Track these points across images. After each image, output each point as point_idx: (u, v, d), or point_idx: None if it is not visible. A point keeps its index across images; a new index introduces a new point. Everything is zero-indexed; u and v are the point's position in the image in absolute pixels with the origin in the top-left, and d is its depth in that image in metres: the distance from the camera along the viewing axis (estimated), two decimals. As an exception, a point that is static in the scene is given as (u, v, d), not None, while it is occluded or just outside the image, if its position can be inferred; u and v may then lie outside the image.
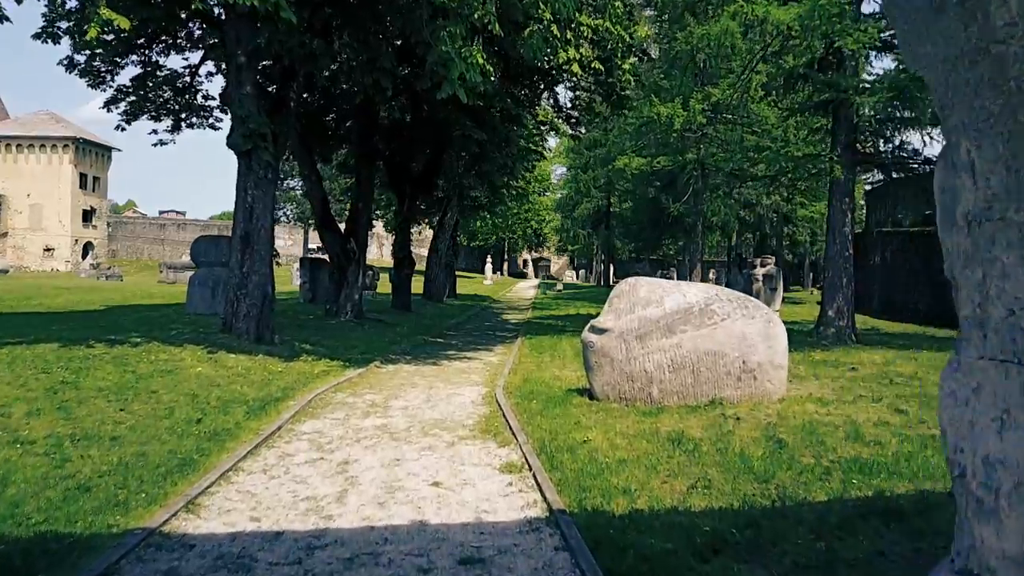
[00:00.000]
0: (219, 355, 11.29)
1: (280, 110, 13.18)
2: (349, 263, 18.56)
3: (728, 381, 8.45)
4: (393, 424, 7.63)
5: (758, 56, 21.64)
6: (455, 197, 29.75)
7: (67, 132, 68.06)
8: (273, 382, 9.72)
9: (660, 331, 8.48)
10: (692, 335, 8.43)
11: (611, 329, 8.64)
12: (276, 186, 13.03)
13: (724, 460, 5.96)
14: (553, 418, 7.71)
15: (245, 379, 9.75)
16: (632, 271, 55.12)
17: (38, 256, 68.56)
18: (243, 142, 12.14)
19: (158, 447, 6.20)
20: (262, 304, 12.67)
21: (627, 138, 39.12)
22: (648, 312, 8.58)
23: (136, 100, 18.64)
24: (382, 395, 9.43)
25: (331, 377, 10.53)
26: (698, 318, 8.50)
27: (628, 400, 8.57)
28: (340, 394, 9.40)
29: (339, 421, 7.73)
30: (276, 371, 10.55)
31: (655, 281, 9.01)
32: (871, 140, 17.51)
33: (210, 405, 8.02)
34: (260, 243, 12.63)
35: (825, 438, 6.57)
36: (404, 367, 12.30)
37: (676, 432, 6.89)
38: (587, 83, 18.11)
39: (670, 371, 8.43)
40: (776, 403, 8.42)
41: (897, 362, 12.39)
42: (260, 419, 7.50)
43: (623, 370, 8.58)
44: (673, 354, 8.43)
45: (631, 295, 8.79)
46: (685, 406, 8.32)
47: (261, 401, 8.42)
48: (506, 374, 11.04)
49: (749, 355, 8.48)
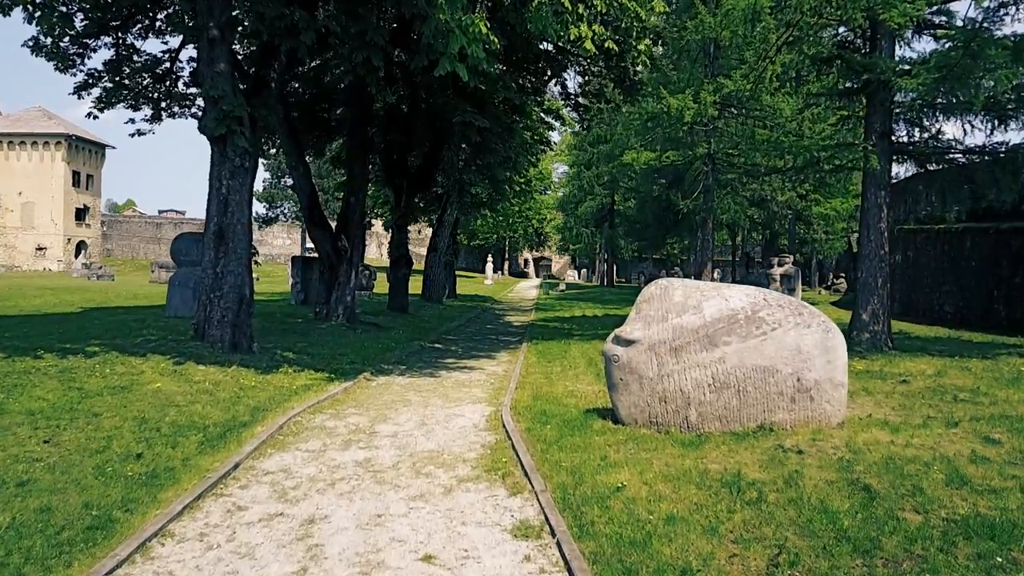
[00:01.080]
0: (186, 367, 9.92)
1: (259, 91, 11.82)
2: (341, 262, 17.19)
3: (780, 403, 7.08)
4: (378, 459, 6.26)
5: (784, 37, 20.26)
6: (455, 193, 28.36)
7: (59, 129, 66.69)
8: (243, 400, 8.35)
9: (699, 343, 7.12)
10: (737, 348, 7.06)
11: (639, 340, 7.27)
12: (255, 176, 11.67)
13: (803, 517, 4.59)
14: (573, 450, 6.34)
15: (211, 397, 8.38)
16: (639, 271, 53.81)
17: (30, 255, 67.22)
18: (216, 126, 10.77)
19: (73, 498, 4.83)
20: (238, 308, 11.30)
21: (633, 132, 37.80)
22: (684, 320, 7.21)
23: (112, 87, 17.27)
24: (368, 417, 8.06)
25: (312, 393, 9.15)
26: (744, 327, 7.13)
27: (660, 425, 7.20)
28: (320, 416, 8.02)
29: (313, 455, 6.36)
30: (249, 386, 9.18)
31: (691, 283, 7.64)
32: (905, 129, 16.13)
33: (159, 433, 6.65)
34: (236, 240, 11.26)
35: (920, 482, 5.19)
36: (397, 380, 10.93)
37: (730, 472, 5.52)
38: (598, 68, 16.73)
39: (711, 391, 7.06)
40: (838, 429, 7.05)
41: (950, 373, 11.03)
42: (215, 453, 6.13)
43: (654, 389, 7.21)
44: (715, 370, 7.06)
45: (663, 300, 7.42)
46: (730, 433, 6.95)
47: (223, 427, 7.05)
48: (513, 389, 9.67)
49: (805, 371, 7.11)
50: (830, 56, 18.02)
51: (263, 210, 71.34)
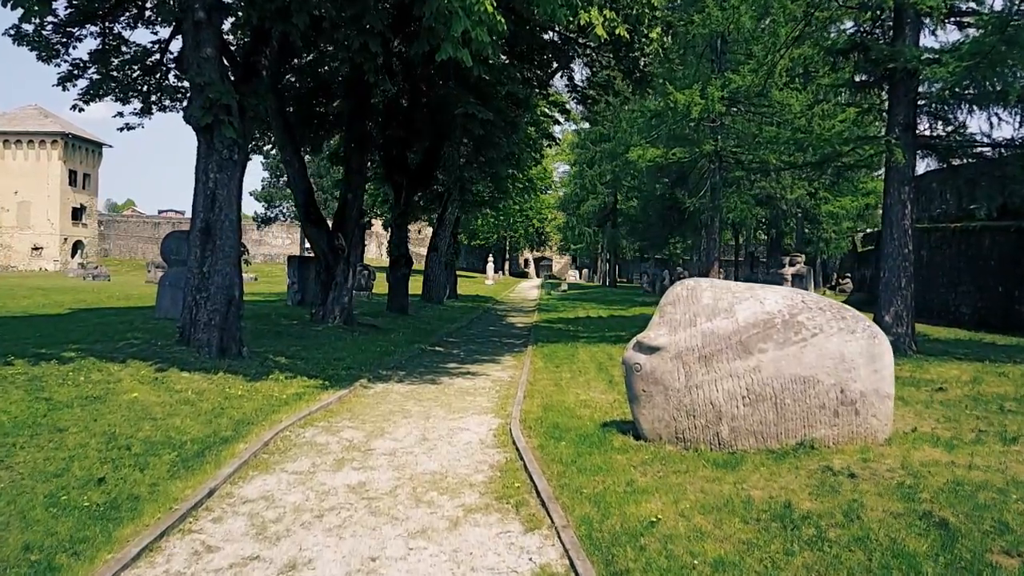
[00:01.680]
0: (168, 374, 9.20)
1: (249, 79, 11.10)
2: (338, 261, 16.46)
3: (822, 416, 6.36)
4: (374, 482, 5.53)
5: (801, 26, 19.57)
6: (456, 191, 27.62)
7: (56, 127, 65.95)
8: (227, 412, 7.62)
9: (732, 350, 6.39)
10: (774, 356, 6.34)
11: (664, 347, 6.54)
12: (244, 170, 10.94)
13: (875, 562, 3.87)
14: (594, 473, 5.61)
15: (192, 408, 7.65)
16: (642, 271, 53.06)
17: (26, 255, 66.51)
18: (202, 115, 10.05)
19: (13, 536, 4.11)
20: (226, 310, 10.57)
21: (637, 129, 37.04)
22: (716, 325, 6.48)
23: (100, 78, 16.54)
24: (364, 431, 7.33)
25: (303, 403, 8.42)
26: (782, 333, 6.41)
27: (688, 442, 6.48)
28: (311, 429, 7.29)
29: (300, 477, 5.63)
30: (235, 395, 8.45)
31: (720, 283, 6.90)
32: (928, 122, 15.41)
33: (129, 452, 5.92)
34: (224, 237, 10.53)
35: (1002, 515, 4.47)
36: (396, 387, 10.20)
37: (777, 502, 4.80)
38: (606, 58, 16.01)
39: (745, 404, 6.33)
40: (886, 446, 6.33)
41: (987, 379, 10.33)
42: (189, 476, 5.40)
43: (681, 402, 6.48)
44: (750, 381, 6.33)
45: (691, 302, 6.69)
46: (767, 451, 6.23)
47: (201, 444, 6.32)
48: (521, 398, 8.94)
49: (849, 382, 6.38)
50: (846, 47, 17.31)
51: (262, 209, 70.68)
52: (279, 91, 16.79)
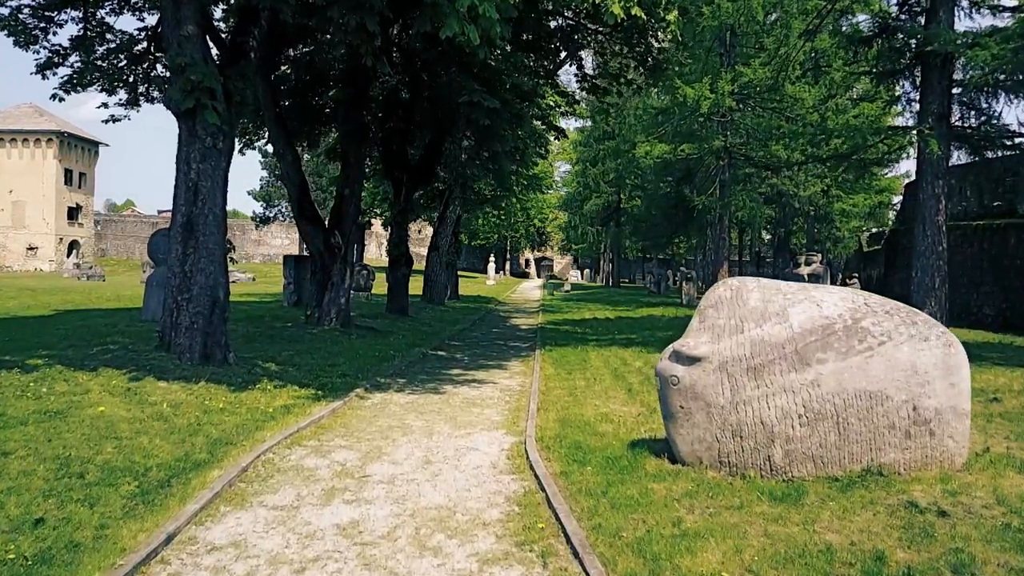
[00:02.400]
0: (143, 383, 8.30)
1: (236, 61, 10.20)
2: (334, 260, 15.57)
3: (891, 438, 5.46)
4: (369, 521, 4.63)
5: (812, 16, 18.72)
6: (457, 189, 26.73)
7: (51, 126, 65.02)
8: (204, 429, 6.72)
9: (786, 361, 5.50)
10: (836, 367, 5.45)
11: (706, 357, 5.65)
12: (230, 159, 10.04)
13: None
14: (631, 508, 4.72)
15: (165, 425, 6.76)
16: (647, 271, 52.16)
17: (21, 255, 65.59)
18: (182, 98, 9.15)
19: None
20: (211, 312, 9.67)
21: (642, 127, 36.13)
22: (766, 331, 5.59)
23: (84, 67, 15.65)
24: (359, 451, 6.43)
25: (292, 417, 7.52)
26: (844, 341, 5.51)
27: (734, 467, 5.58)
28: (298, 450, 6.39)
29: (281, 514, 4.73)
30: (215, 408, 7.56)
31: (768, 283, 6.00)
32: (960, 112, 14.52)
33: (81, 482, 5.03)
34: (207, 233, 9.63)
35: None
36: (395, 397, 9.30)
37: (862, 550, 3.91)
38: (618, 45, 15.11)
39: (802, 424, 5.43)
40: (967, 473, 5.44)
41: (1039, 388, 9.44)
42: (147, 515, 4.51)
43: (726, 421, 5.59)
44: (807, 397, 5.44)
45: (736, 304, 5.79)
46: (829, 479, 5.34)
47: (168, 470, 5.43)
48: (534, 411, 8.03)
49: (922, 398, 5.49)
50: (870, 35, 16.44)
51: (260, 209, 69.78)
52: (273, 82, 15.91)
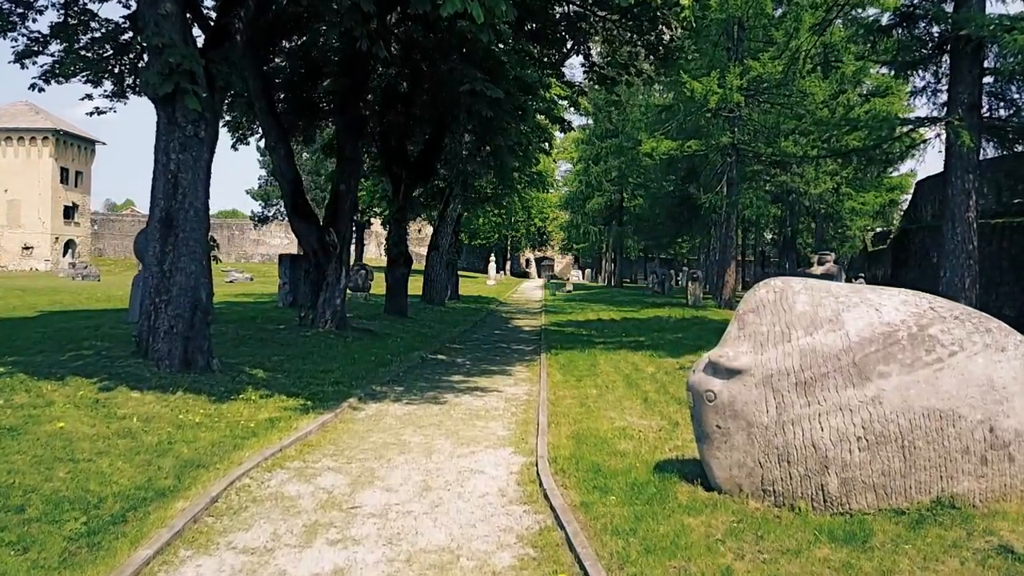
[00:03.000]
0: (114, 394, 7.55)
1: (220, 43, 9.45)
2: (329, 259, 14.81)
3: (965, 464, 4.71)
4: (355, 570, 3.88)
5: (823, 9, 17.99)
6: (458, 186, 25.96)
7: (46, 124, 64.30)
8: (175, 448, 5.97)
9: (842, 375, 4.75)
10: (900, 382, 4.70)
11: (748, 369, 4.90)
12: (213, 150, 9.29)
13: None
14: (668, 553, 3.96)
15: (131, 443, 6.01)
16: (651, 271, 51.38)
17: (16, 255, 64.82)
18: (160, 82, 8.40)
19: None
20: (192, 315, 8.92)
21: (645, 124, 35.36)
22: (818, 340, 4.83)
23: (69, 57, 14.89)
24: (349, 475, 5.67)
25: (276, 433, 6.76)
26: (908, 351, 4.76)
27: (780, 496, 4.83)
28: (279, 474, 5.63)
29: (251, 561, 3.98)
30: (191, 423, 6.80)
31: (816, 284, 5.24)
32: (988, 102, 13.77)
33: (19, 518, 4.27)
34: (188, 229, 8.88)
35: None
36: (391, 408, 8.54)
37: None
38: (627, 33, 14.36)
39: (862, 448, 4.68)
40: (1052, 505, 4.68)
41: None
42: (88, 564, 3.75)
43: (771, 443, 4.83)
44: (867, 416, 4.69)
45: (780, 309, 5.04)
46: (894, 512, 4.59)
47: (126, 501, 4.68)
48: (544, 425, 7.27)
49: (1000, 417, 4.74)
50: (889, 24, 15.70)
51: (259, 208, 68.99)
52: (265, 72, 15.15)
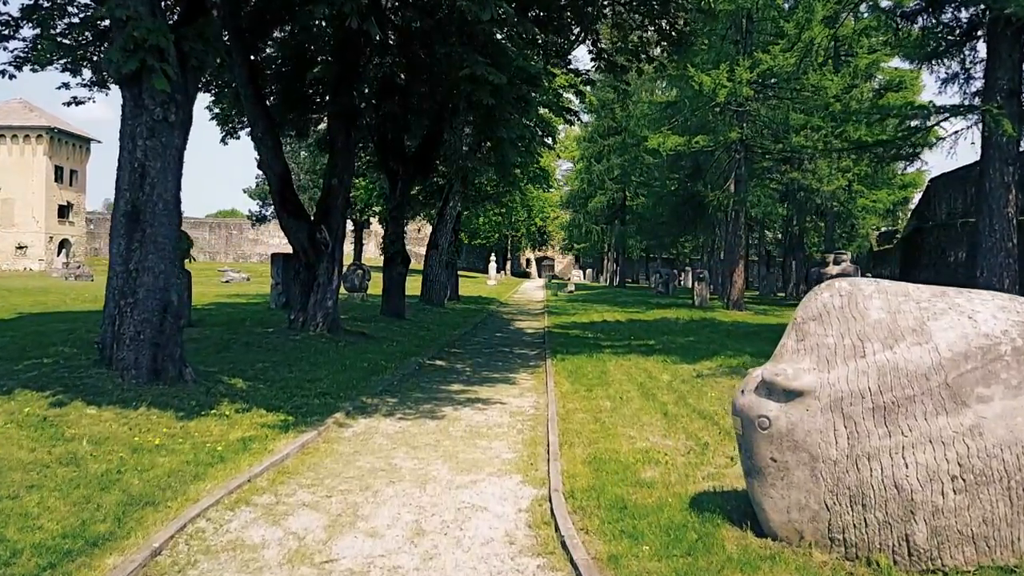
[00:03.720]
0: (67, 410, 6.64)
1: (193, 18, 8.54)
2: (320, 258, 13.91)
3: (1083, 510, 3.81)
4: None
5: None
6: (458, 183, 25.04)
7: (41, 121, 63.34)
8: (124, 478, 5.07)
9: (932, 399, 3.84)
10: (1004, 408, 3.80)
11: (811, 391, 4.00)
12: (186, 136, 8.39)
13: None
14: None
15: (74, 472, 5.11)
16: (655, 271, 50.47)
17: (10, 255, 63.90)
18: (124, 59, 7.49)
19: None
20: (161, 319, 8.01)
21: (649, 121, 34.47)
22: (900, 356, 3.93)
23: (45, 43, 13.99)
24: (327, 512, 4.77)
25: (247, 457, 5.86)
26: (1014, 369, 3.86)
27: (854, 547, 3.92)
28: (244, 512, 4.72)
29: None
30: (150, 445, 5.90)
31: (892, 286, 4.33)
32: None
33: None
34: (157, 224, 7.97)
35: None
36: (383, 424, 7.64)
37: None
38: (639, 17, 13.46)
39: (957, 489, 3.78)
40: None
41: None
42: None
43: (841, 482, 3.93)
44: (964, 450, 3.78)
45: (849, 317, 4.13)
46: (998, 570, 3.69)
47: (46, 556, 3.77)
48: (555, 447, 6.37)
49: (1125, 451, 3.83)
50: (915, 10, 14.83)
51: (256, 207, 68.03)
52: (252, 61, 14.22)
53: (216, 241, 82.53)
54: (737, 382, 10.51)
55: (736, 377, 10.69)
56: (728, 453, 6.27)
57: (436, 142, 18.98)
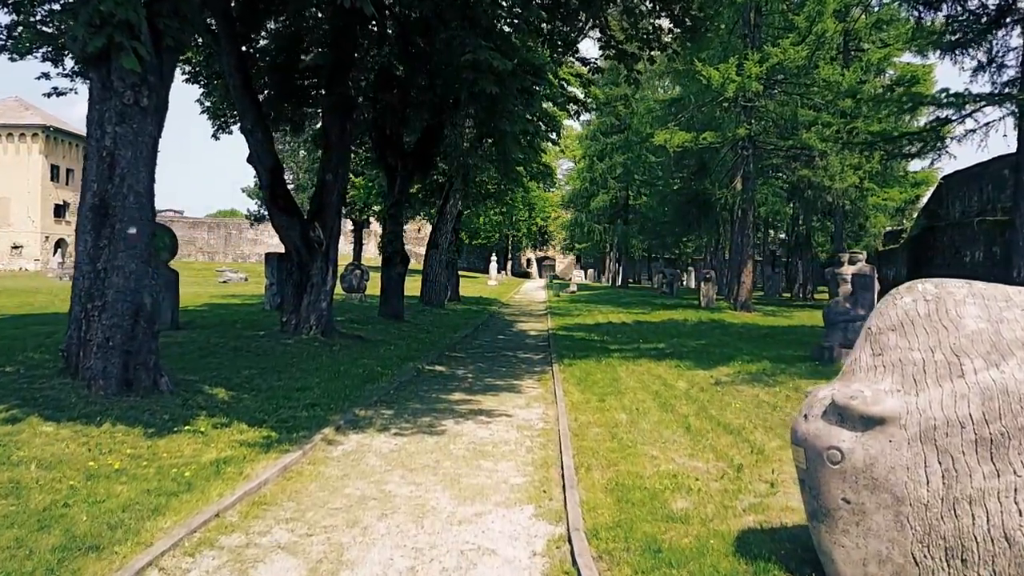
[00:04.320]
0: (20, 427, 5.90)
1: (169, -6, 7.78)
2: (314, 258, 13.17)
3: None
4: None
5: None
6: (458, 180, 24.29)
7: (37, 120, 62.61)
8: (69, 514, 4.32)
9: (1052, 430, 3.10)
10: None
11: (895, 418, 3.25)
12: (162, 123, 7.64)
13: None
14: None
15: (11, 504, 4.36)
16: (658, 271, 49.71)
17: (5, 254, 63.20)
18: (89, 36, 6.75)
19: None
20: (132, 324, 7.27)
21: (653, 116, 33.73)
22: (1008, 375, 3.19)
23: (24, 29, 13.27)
24: (307, 557, 4.02)
25: (218, 485, 5.10)
26: None
27: (952, 613, 3.19)
28: (206, 557, 3.97)
29: None
30: (109, 470, 5.16)
31: (989, 289, 3.59)
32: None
33: None
34: (127, 219, 7.22)
35: None
36: (376, 440, 6.88)
37: None
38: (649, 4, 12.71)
39: (1085, 543, 3.04)
40: None
41: None
42: None
43: (934, 529, 3.19)
44: (1093, 495, 3.05)
45: (939, 327, 3.38)
46: None
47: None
48: (571, 470, 5.61)
49: None
50: (939, -2, 14.11)
51: (255, 206, 67.25)
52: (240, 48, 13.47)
53: (215, 241, 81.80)
54: (760, 391, 9.76)
55: (759, 385, 9.94)
56: (766, 478, 5.53)
57: (436, 137, 18.24)
